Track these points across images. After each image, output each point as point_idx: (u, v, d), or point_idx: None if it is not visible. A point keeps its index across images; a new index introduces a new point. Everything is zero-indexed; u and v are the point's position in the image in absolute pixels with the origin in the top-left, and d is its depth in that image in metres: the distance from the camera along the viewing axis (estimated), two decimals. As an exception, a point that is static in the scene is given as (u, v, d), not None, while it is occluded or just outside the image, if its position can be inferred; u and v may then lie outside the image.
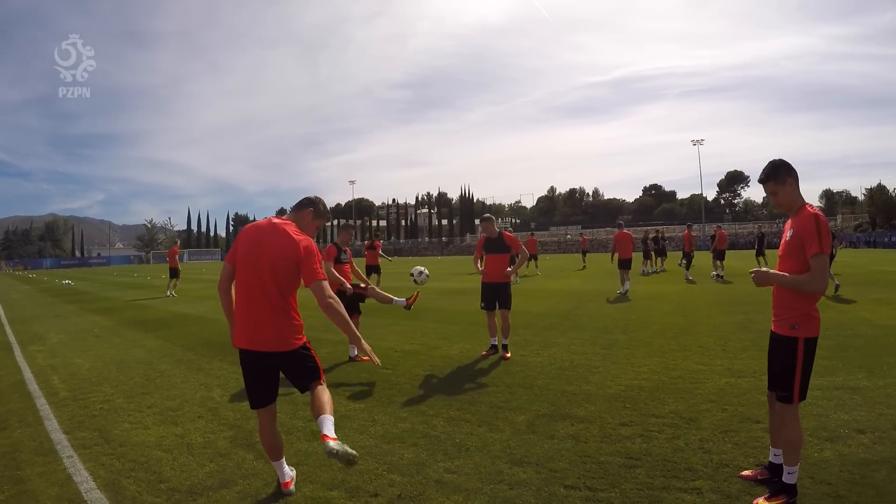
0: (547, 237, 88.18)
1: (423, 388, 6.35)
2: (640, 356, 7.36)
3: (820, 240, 3.27)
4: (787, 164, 3.54)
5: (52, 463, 4.60)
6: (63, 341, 11.29)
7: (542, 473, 3.88)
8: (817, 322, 3.44)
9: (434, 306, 14.49)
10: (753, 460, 3.93)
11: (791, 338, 3.44)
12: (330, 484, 3.93)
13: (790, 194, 3.54)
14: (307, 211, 3.96)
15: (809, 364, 3.43)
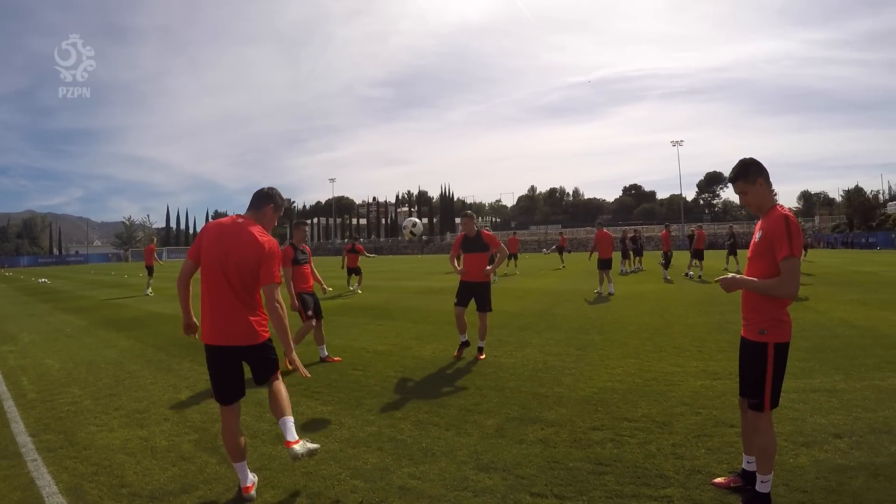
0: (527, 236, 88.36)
1: (393, 391, 6.29)
2: (615, 357, 7.33)
3: (790, 241, 3.17)
4: (757, 164, 3.46)
5: (16, 466, 4.54)
6: (35, 341, 11.09)
7: (509, 480, 3.82)
8: (788, 326, 3.34)
9: (409, 305, 14.48)
10: (727, 467, 3.87)
11: (760, 343, 3.33)
12: (292, 489, 3.88)
13: (760, 194, 3.45)
14: (268, 207, 4.00)
15: (781, 370, 3.33)
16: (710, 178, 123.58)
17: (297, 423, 4.89)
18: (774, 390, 3.32)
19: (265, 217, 3.99)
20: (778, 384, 3.32)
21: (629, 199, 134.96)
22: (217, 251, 3.75)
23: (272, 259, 3.77)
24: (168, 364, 8.15)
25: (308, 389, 6.40)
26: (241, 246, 3.74)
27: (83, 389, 6.95)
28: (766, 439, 3.34)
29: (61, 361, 8.80)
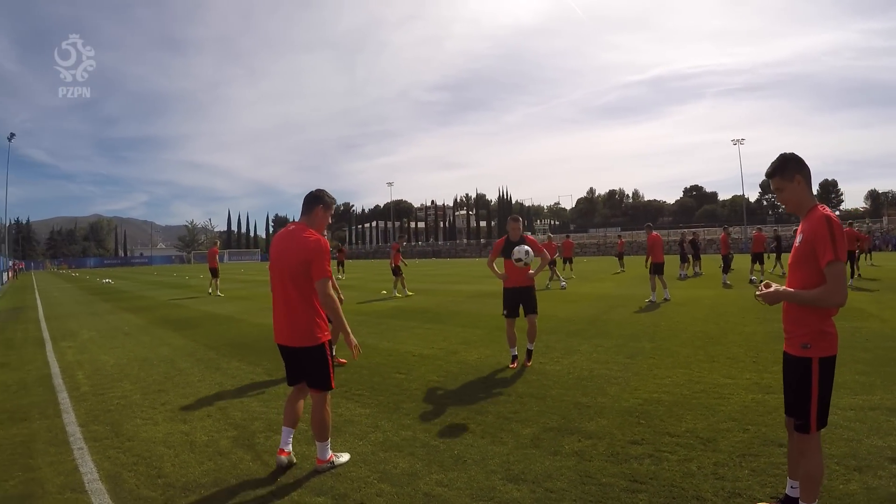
0: (586, 239, 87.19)
1: (433, 395, 6.24)
2: (665, 367, 7.05)
3: (834, 245, 2.88)
4: (797, 159, 3.19)
5: (63, 454, 4.80)
6: (93, 338, 11.58)
7: (537, 493, 3.70)
8: (834, 338, 3.04)
9: (460, 310, 14.40)
10: (770, 491, 3.58)
11: (804, 358, 3.05)
12: (318, 490, 3.90)
13: (798, 193, 3.17)
14: (318, 208, 4.28)
15: (828, 387, 3.04)
16: None
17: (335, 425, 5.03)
18: (821, 409, 3.04)
19: (316, 218, 4.27)
20: (825, 402, 3.05)
21: (690, 201, 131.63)
22: (278, 259, 4.19)
23: (321, 256, 4.02)
24: (217, 363, 8.32)
25: (349, 392, 6.45)
26: (294, 250, 4.08)
27: (134, 384, 7.19)
28: (811, 464, 3.08)
29: (116, 358, 9.15)
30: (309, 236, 4.09)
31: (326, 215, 4.32)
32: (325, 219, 4.31)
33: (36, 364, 8.95)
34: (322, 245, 4.06)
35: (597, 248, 78.71)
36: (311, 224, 4.23)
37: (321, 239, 4.11)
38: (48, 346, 10.83)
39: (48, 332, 13.02)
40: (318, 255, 4.01)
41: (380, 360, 8.16)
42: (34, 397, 6.80)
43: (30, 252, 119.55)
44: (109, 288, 31.45)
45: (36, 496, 3.98)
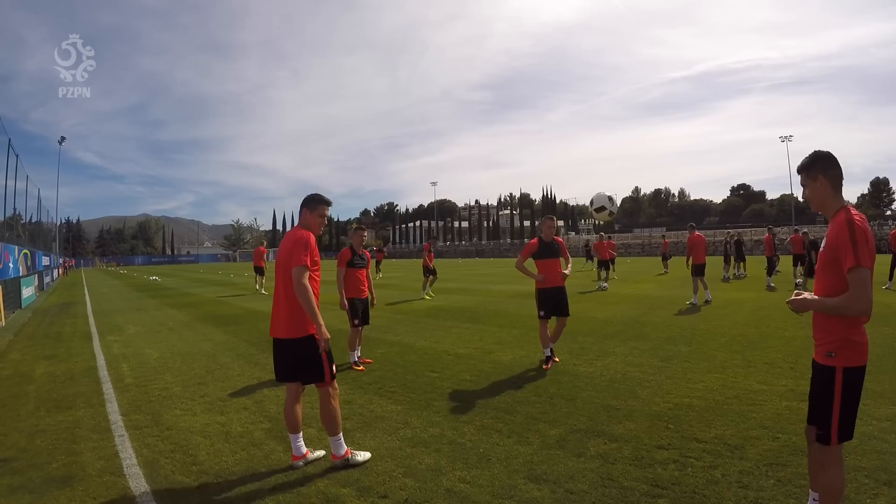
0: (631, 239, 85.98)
1: (465, 394, 6.29)
2: (699, 371, 6.95)
3: (856, 250, 2.76)
4: (827, 159, 3.06)
5: (105, 440, 5.07)
6: (139, 333, 12.00)
7: (558, 493, 3.73)
8: (861, 348, 2.90)
9: (499, 309, 14.39)
10: (795, 502, 3.50)
11: (828, 367, 2.94)
12: (344, 481, 4.02)
13: (820, 193, 3.06)
14: (304, 211, 4.53)
15: (852, 398, 2.92)
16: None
17: (366, 420, 5.35)
18: (844, 421, 2.92)
19: (305, 219, 4.52)
20: (848, 414, 2.92)
21: (737, 200, 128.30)
22: (277, 259, 4.45)
23: (297, 245, 4.21)
24: (257, 358, 8.51)
25: (383, 388, 6.58)
26: (285, 247, 4.34)
27: (175, 377, 7.46)
28: (832, 477, 2.97)
29: (160, 351, 9.49)
30: (295, 233, 4.37)
31: (313, 216, 4.51)
32: (313, 219, 4.51)
33: (83, 356, 9.34)
34: (301, 238, 4.26)
35: (641, 248, 77.56)
36: (301, 225, 4.50)
37: (304, 233, 4.32)
38: (95, 339, 11.27)
39: (95, 326, 13.54)
40: (296, 246, 4.21)
41: (415, 359, 8.26)
42: (80, 387, 7.12)
43: (80, 250, 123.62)
44: (156, 285, 32.31)
45: (77, 478, 4.21)
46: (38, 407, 6.26)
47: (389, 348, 8.90)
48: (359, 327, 7.86)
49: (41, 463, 4.54)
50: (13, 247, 19.30)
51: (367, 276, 8.04)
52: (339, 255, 7.80)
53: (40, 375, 7.94)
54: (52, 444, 5.00)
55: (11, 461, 4.60)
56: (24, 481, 4.18)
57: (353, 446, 4.59)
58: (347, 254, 7.79)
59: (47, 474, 4.30)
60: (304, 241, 4.23)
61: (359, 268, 7.87)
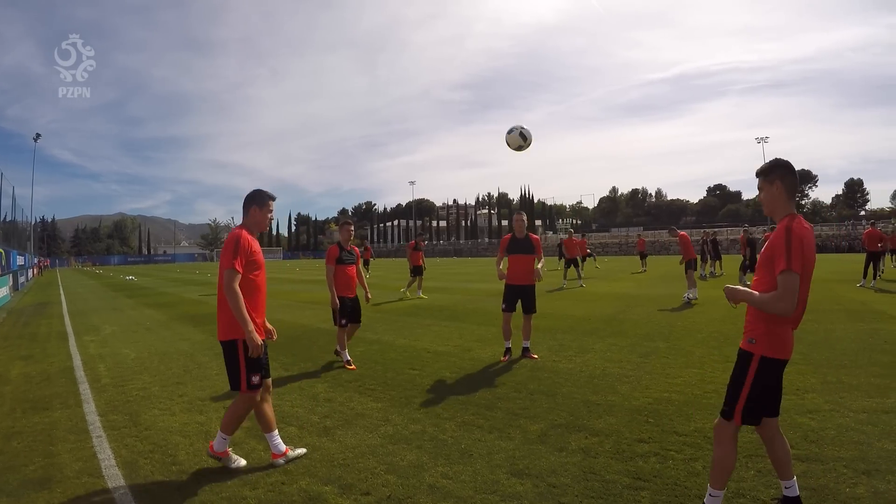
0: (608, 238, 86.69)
1: (445, 391, 6.30)
2: (678, 367, 7.04)
3: (789, 256, 2.98)
4: (784, 167, 3.28)
5: (82, 441, 4.99)
6: (115, 333, 11.84)
7: (540, 487, 3.75)
8: (782, 343, 3.12)
9: (478, 307, 14.44)
10: (774, 492, 3.54)
11: (748, 352, 3.17)
12: (326, 479, 4.00)
13: (774, 197, 3.27)
14: (253, 208, 4.40)
15: (764, 386, 3.14)
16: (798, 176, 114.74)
17: (347, 418, 5.30)
18: (750, 405, 3.15)
19: (252, 218, 4.39)
20: (757, 401, 3.15)
21: (714, 200, 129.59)
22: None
23: (226, 248, 4.13)
24: (235, 356, 8.45)
25: (363, 386, 6.56)
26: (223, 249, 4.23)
27: (153, 377, 7.37)
28: (724, 451, 3.23)
29: (137, 351, 9.37)
30: (229, 235, 4.26)
31: (262, 213, 4.40)
32: (261, 216, 4.40)
33: (59, 357, 9.18)
34: (230, 240, 4.16)
35: (619, 247, 78.22)
36: (246, 223, 4.37)
37: (235, 233, 4.20)
38: (71, 339, 11.08)
39: (71, 326, 13.31)
40: (225, 248, 4.14)
41: (394, 356, 8.25)
42: (56, 388, 6.99)
43: (55, 249, 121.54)
44: (132, 285, 31.90)
45: (55, 480, 4.14)
46: (14, 408, 6.14)
47: (369, 346, 8.88)
48: (346, 326, 7.76)
49: (18, 465, 4.45)
50: (-14, 247, 18.96)
51: (357, 273, 7.91)
52: (328, 253, 7.70)
53: (16, 376, 7.79)
54: (28, 445, 4.91)
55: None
56: (0, 484, 4.11)
57: (334, 444, 4.62)
58: (336, 251, 7.70)
59: (24, 477, 4.22)
60: (234, 241, 4.13)
61: (348, 264, 7.74)
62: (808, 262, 3.05)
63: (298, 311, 14.98)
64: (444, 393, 6.21)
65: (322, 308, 15.13)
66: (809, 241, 3.09)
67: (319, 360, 8.19)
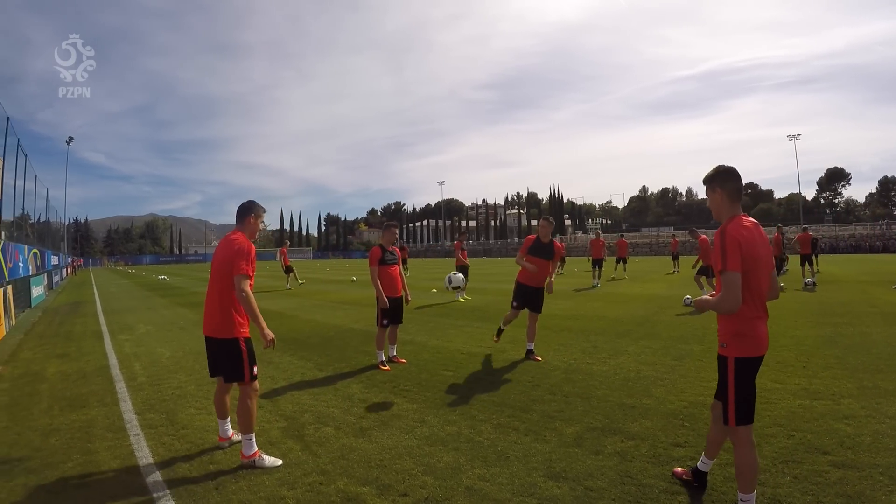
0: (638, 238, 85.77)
1: (480, 393, 6.28)
2: (712, 370, 6.78)
3: (724, 256, 3.18)
4: (725, 174, 3.45)
5: (120, 439, 5.09)
6: (150, 332, 12.04)
7: (577, 491, 3.73)
8: (752, 341, 3.28)
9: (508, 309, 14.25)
10: (811, 499, 3.50)
11: (723, 357, 3.38)
12: (364, 480, 4.02)
13: (717, 203, 3.47)
14: (249, 218, 4.76)
15: (745, 386, 3.30)
16: (831, 174, 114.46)
17: (383, 419, 5.33)
18: (740, 406, 3.29)
19: (248, 226, 4.74)
20: (745, 400, 3.30)
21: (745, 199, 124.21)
22: (213, 260, 4.67)
23: (239, 255, 4.39)
24: (269, 357, 8.50)
25: (397, 387, 6.58)
26: (223, 251, 4.54)
27: (189, 376, 7.47)
28: (742, 456, 3.30)
29: (172, 350, 9.51)
30: (236, 240, 4.54)
31: (257, 223, 4.81)
32: (255, 226, 4.79)
33: (95, 355, 9.36)
34: (244, 247, 4.45)
35: (649, 247, 77.44)
36: (243, 230, 4.69)
37: (246, 243, 4.53)
38: (106, 338, 11.29)
39: (106, 325, 13.57)
40: (239, 255, 4.39)
41: (428, 358, 8.26)
42: (93, 386, 7.14)
43: (88, 250, 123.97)
44: (165, 284, 32.40)
45: (94, 477, 4.23)
46: (52, 406, 6.28)
47: (402, 347, 8.87)
48: (387, 327, 7.78)
49: (56, 462, 4.56)
50: (23, 246, 19.37)
51: (399, 274, 7.93)
52: (371, 255, 7.72)
53: (52, 374, 7.97)
54: (66, 443, 5.02)
55: (26, 460, 4.62)
56: (39, 480, 4.20)
57: (371, 445, 4.64)
58: (378, 252, 7.72)
59: (63, 473, 4.32)
60: (247, 250, 4.44)
61: (389, 264, 7.77)
62: (753, 256, 3.22)
63: (330, 311, 15.07)
64: (479, 395, 6.20)
65: (354, 308, 15.26)
66: (750, 238, 3.25)
67: (353, 360, 8.22)
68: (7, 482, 4.20)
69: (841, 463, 4.02)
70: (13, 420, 5.82)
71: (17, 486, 4.13)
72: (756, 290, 3.26)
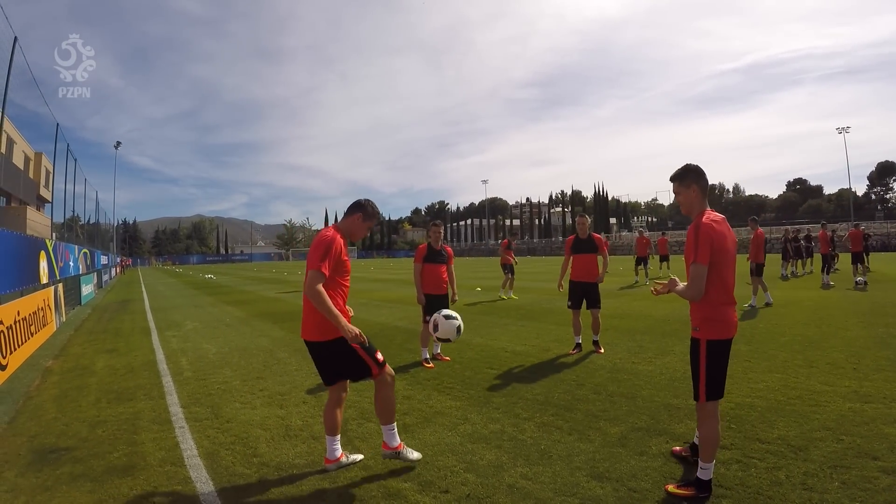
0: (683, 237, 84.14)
1: (524, 391, 6.25)
2: (760, 371, 6.77)
3: (696, 249, 3.51)
4: (697, 172, 3.75)
5: (165, 431, 5.21)
6: (196, 328, 12.34)
7: (620, 492, 3.68)
8: (722, 325, 3.59)
9: (554, 307, 14.22)
10: None
11: (695, 339, 3.68)
12: (405, 476, 4.04)
13: (691, 199, 3.76)
14: (356, 216, 4.35)
15: (717, 365, 3.62)
16: (882, 168, 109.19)
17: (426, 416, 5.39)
18: (710, 383, 3.62)
19: (353, 224, 4.34)
20: (715, 378, 3.62)
21: (794, 195, 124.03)
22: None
23: (317, 248, 3.99)
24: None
25: (441, 384, 6.61)
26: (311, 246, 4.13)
27: (234, 371, 7.62)
28: (706, 429, 3.63)
29: (218, 346, 9.73)
30: (323, 233, 4.13)
31: (364, 225, 4.36)
32: (361, 227, 4.35)
33: (142, 351, 9.64)
34: (324, 240, 4.03)
35: (697, 245, 75.67)
36: (343, 227, 4.31)
37: (331, 235, 4.07)
38: (154, 334, 11.61)
39: (154, 322, 13.95)
40: (316, 248, 4.00)
41: (472, 356, 8.26)
42: (140, 380, 7.35)
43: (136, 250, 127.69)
44: (211, 283, 33.09)
45: (138, 468, 4.34)
46: (100, 399, 6.47)
47: (446, 345, 8.90)
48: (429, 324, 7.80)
49: (103, 452, 4.69)
50: (73, 246, 19.95)
51: (448, 272, 7.95)
52: (417, 252, 7.88)
53: (101, 368, 8.21)
54: (113, 434, 5.17)
55: (73, 450, 4.77)
56: (85, 469, 4.33)
57: (413, 442, 4.64)
58: (424, 249, 7.82)
59: (109, 463, 4.44)
60: (327, 244, 4.01)
61: (437, 263, 7.80)
62: (722, 249, 3.57)
63: (375, 309, 15.21)
64: (522, 393, 6.17)
65: (398, 306, 15.39)
66: (720, 232, 3.60)
67: (397, 357, 8.26)
68: (54, 470, 4.34)
69: (891, 469, 3.86)
70: (62, 411, 6.01)
71: (63, 474, 4.26)
72: (725, 279, 3.61)
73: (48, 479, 4.16)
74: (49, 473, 4.28)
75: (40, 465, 4.45)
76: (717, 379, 3.63)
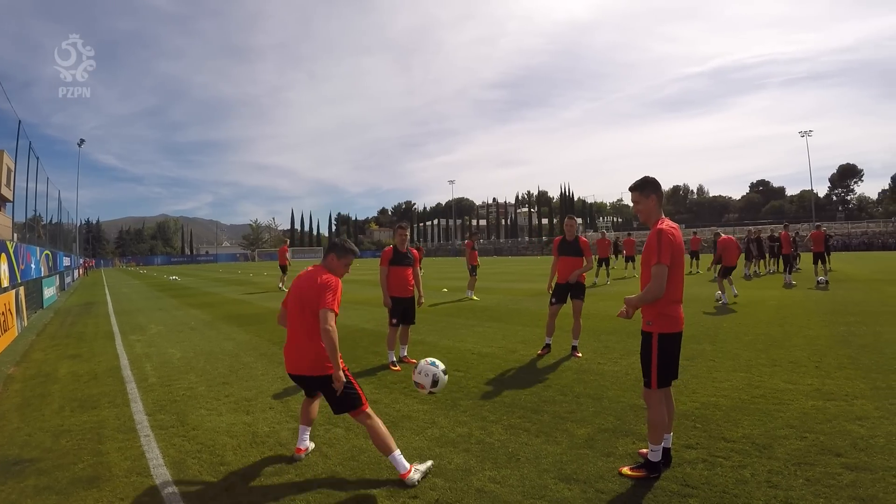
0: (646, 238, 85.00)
1: (491, 393, 6.26)
2: (724, 370, 6.88)
3: (659, 252, 3.85)
4: (655, 183, 4.12)
5: (131, 440, 5.10)
6: (161, 332, 12.10)
7: (588, 493, 3.71)
8: (672, 320, 3.96)
9: (521, 308, 14.35)
10: (824, 501, 3.46)
11: (648, 333, 4.01)
12: (374, 481, 4.02)
13: (650, 208, 4.11)
14: (330, 256, 4.53)
15: (668, 356, 3.97)
16: (843, 171, 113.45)
17: (393, 420, 5.32)
18: (661, 372, 3.96)
19: (331, 264, 4.50)
20: (665, 367, 3.97)
21: (756, 197, 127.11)
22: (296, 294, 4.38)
23: (326, 288, 4.18)
24: (280, 357, 8.41)
25: (408, 388, 6.55)
26: (308, 287, 4.29)
27: (199, 377, 7.50)
28: (654, 414, 3.96)
29: (182, 351, 9.56)
30: (323, 275, 4.32)
31: (340, 263, 4.51)
32: (338, 265, 4.51)
33: (106, 356, 9.43)
34: (331, 282, 4.24)
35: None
36: (327, 268, 4.47)
37: (334, 278, 4.33)
38: (118, 339, 11.38)
39: (117, 326, 13.68)
40: (326, 289, 4.18)
41: (438, 358, 8.07)
42: (104, 387, 7.18)
43: (100, 250, 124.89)
44: (176, 285, 32.53)
45: (103, 479, 4.24)
46: (63, 407, 6.32)
47: (412, 347, 8.86)
48: (397, 326, 7.83)
49: (67, 463, 4.58)
50: (35, 248, 19.50)
51: (413, 275, 7.95)
52: (382, 254, 7.84)
53: (64, 375, 8.02)
54: (77, 444, 5.05)
55: (37, 461, 4.65)
56: (50, 482, 4.22)
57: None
58: (389, 252, 7.79)
59: (74, 474, 4.34)
60: (335, 286, 4.25)
61: (403, 266, 7.79)
62: (678, 252, 3.95)
63: (341, 311, 14.77)
64: (489, 395, 6.18)
65: (365, 308, 15.23)
66: (677, 237, 3.99)
67: (364, 361, 8.23)
68: (18, 483, 4.22)
69: (854, 465, 3.96)
70: (24, 421, 5.86)
71: (27, 487, 4.15)
72: (677, 279, 3.96)
73: (12, 493, 4.05)
74: (13, 486, 4.16)
75: (4, 478, 4.33)
76: (668, 368, 3.98)
